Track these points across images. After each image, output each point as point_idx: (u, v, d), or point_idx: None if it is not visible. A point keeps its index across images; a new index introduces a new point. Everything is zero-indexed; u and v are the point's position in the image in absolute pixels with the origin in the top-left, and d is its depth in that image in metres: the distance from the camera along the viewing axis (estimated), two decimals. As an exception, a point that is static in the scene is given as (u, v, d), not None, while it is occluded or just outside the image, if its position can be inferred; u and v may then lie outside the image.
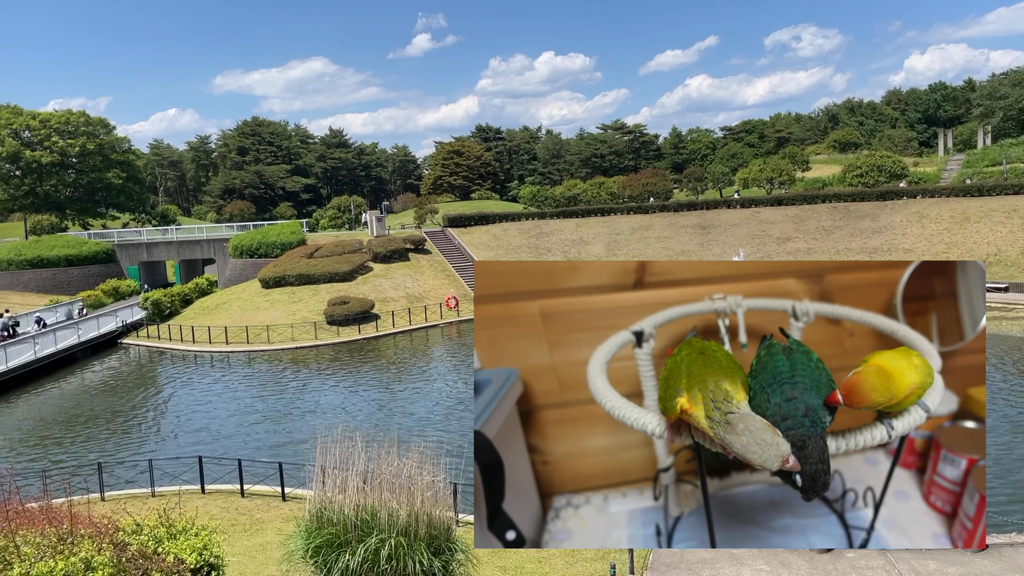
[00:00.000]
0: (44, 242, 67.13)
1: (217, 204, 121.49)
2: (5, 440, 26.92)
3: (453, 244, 59.86)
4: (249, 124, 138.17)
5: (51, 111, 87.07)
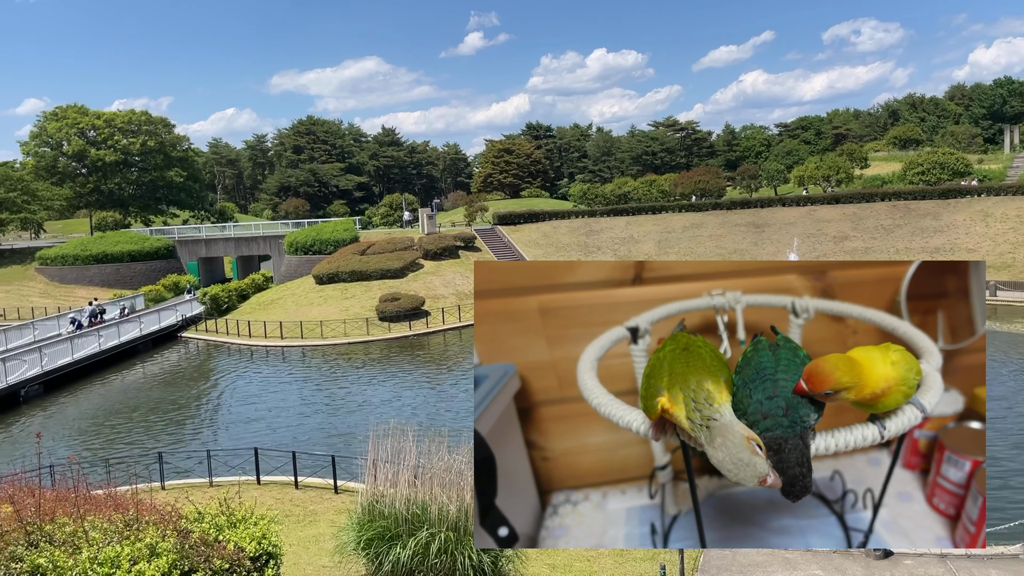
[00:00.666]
0: (108, 238, 69.42)
1: (273, 202, 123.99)
2: (72, 429, 27.98)
3: (503, 242, 60.03)
4: (304, 123, 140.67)
5: (115, 111, 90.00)
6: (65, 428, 28.08)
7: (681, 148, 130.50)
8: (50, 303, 58.93)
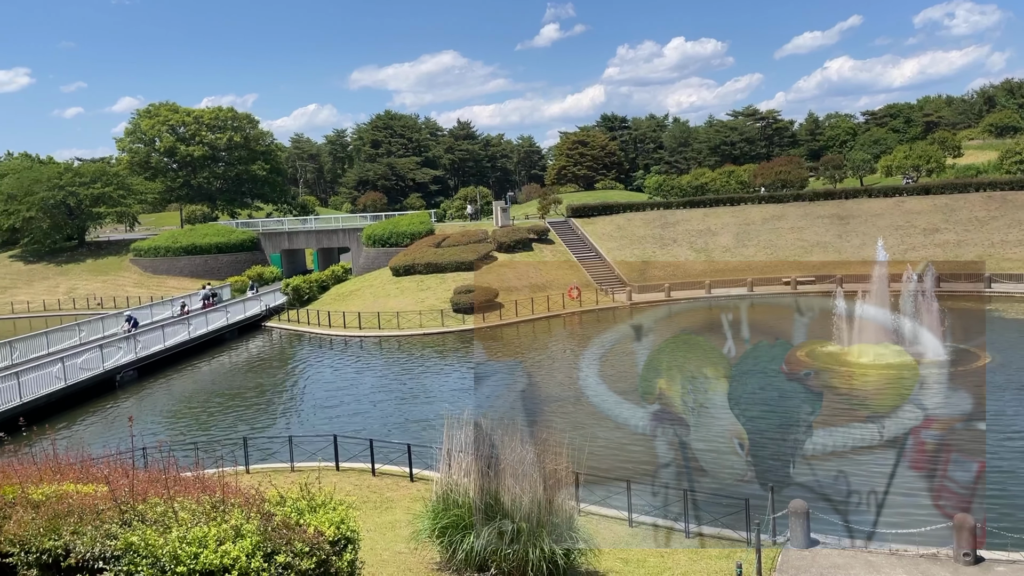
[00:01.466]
0: (197, 230, 72.31)
1: (352, 195, 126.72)
2: (163, 413, 29.33)
3: (576, 234, 59.78)
4: (382, 118, 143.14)
5: (203, 108, 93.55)
6: (157, 412, 29.46)
7: (761, 138, 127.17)
8: (143, 292, 61.83)
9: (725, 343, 35.84)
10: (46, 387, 28.83)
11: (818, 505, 15.70)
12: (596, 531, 13.46)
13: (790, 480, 18.34)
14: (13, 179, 74.43)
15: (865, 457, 20.14)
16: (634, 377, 30.57)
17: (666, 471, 19.49)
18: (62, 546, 6.65)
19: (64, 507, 7.08)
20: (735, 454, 20.70)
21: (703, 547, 13.99)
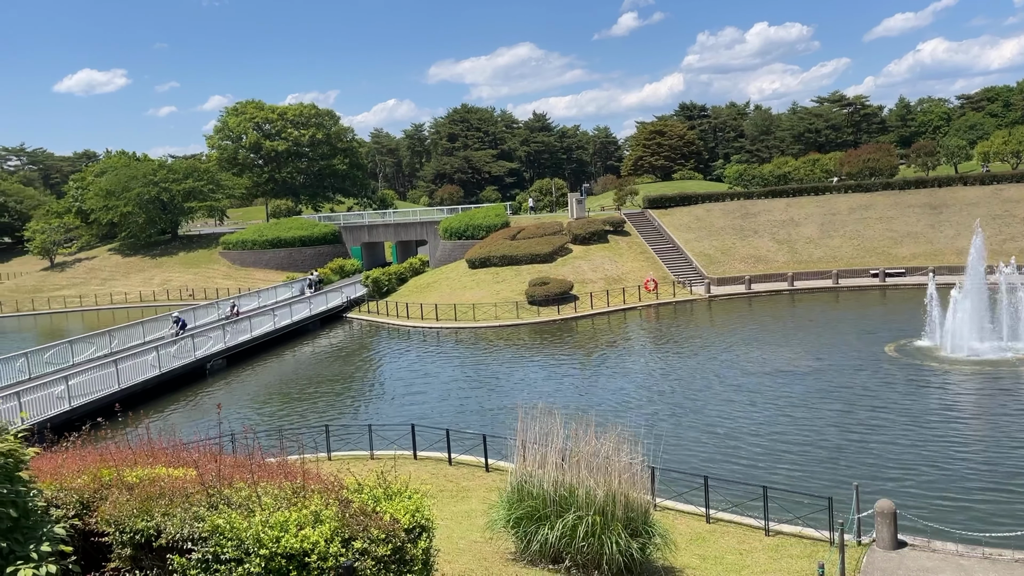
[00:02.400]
0: (281, 224, 74.62)
1: (429, 188, 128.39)
2: (250, 400, 30.43)
3: (653, 226, 58.97)
4: (459, 112, 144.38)
5: (287, 105, 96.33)
6: (244, 399, 30.59)
7: (848, 124, 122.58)
8: (231, 284, 64.25)
9: (809, 336, 34.77)
10: (142, 375, 30.29)
11: (906, 505, 15.09)
12: (672, 526, 13.28)
13: (877, 478, 17.68)
14: (111, 176, 78.34)
15: (957, 456, 19.25)
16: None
17: (746, 467, 19.07)
18: (154, 527, 6.97)
19: (156, 490, 7.42)
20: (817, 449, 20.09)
21: (783, 546, 13.64)
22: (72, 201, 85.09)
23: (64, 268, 77.03)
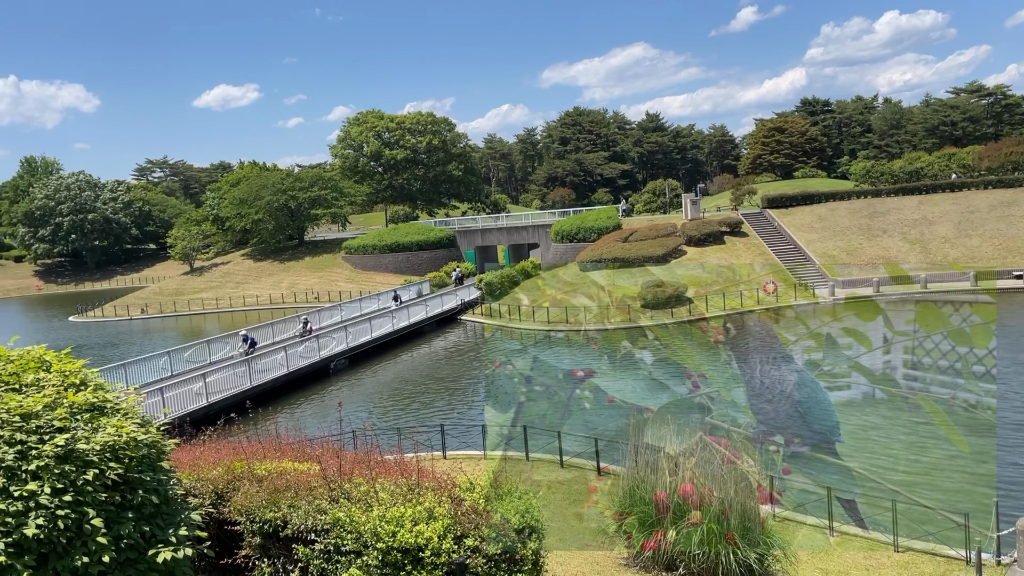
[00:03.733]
0: (400, 229, 76.99)
1: (541, 192, 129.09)
2: (370, 399, 31.55)
3: (772, 226, 56.96)
4: (570, 114, 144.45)
5: (405, 113, 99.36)
6: (364, 398, 31.75)
7: (988, 116, 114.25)
8: (353, 287, 66.80)
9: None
10: (271, 373, 31.96)
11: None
12: (793, 538, 12.78)
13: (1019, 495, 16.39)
14: (244, 185, 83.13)
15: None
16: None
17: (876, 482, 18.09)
18: (280, 518, 7.37)
19: (283, 483, 7.83)
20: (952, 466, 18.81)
21: (914, 563, 12.87)
22: (209, 209, 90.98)
23: (202, 272, 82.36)
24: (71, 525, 5.12)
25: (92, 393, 6.10)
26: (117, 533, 5.40)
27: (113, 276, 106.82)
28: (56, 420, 5.58)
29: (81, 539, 5.18)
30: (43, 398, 5.67)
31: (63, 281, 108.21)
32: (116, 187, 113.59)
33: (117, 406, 6.24)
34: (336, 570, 6.93)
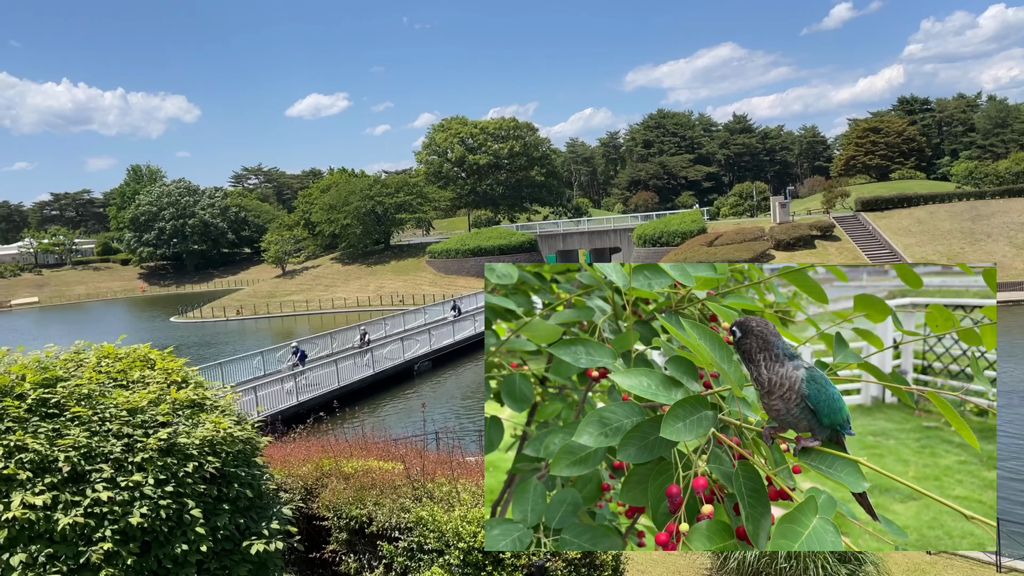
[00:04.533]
0: (482, 234, 77.76)
1: (623, 195, 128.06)
2: (452, 401, 31.96)
3: (866, 230, 54.81)
4: (654, 117, 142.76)
5: (488, 119, 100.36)
6: (446, 399, 32.18)
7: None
8: (437, 291, 67.85)
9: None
10: (358, 374, 32.79)
11: None
12: (888, 555, 12.27)
13: None
14: (333, 192, 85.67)
15: None
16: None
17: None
18: (366, 515, 7.57)
19: (368, 481, 8.04)
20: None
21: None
22: (300, 215, 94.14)
23: (293, 275, 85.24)
24: (172, 515, 5.40)
25: (192, 390, 6.42)
26: (214, 524, 5.66)
27: (211, 279, 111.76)
28: (159, 415, 5.90)
29: (181, 528, 5.46)
30: (148, 394, 6.00)
31: (165, 283, 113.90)
32: (214, 193, 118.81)
33: (215, 403, 6.54)
34: (419, 567, 7.07)
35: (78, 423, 5.49)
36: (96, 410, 5.64)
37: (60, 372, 5.97)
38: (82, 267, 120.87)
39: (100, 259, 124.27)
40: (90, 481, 5.23)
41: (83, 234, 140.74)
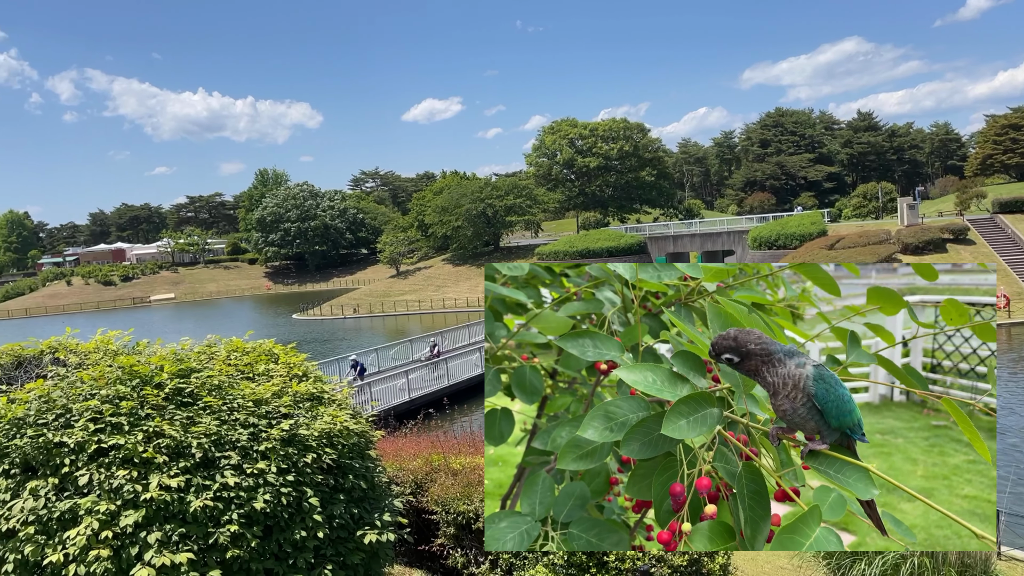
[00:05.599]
0: (591, 236, 77.49)
1: (738, 197, 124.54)
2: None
3: (1004, 233, 51.06)
4: (772, 115, 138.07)
5: (598, 120, 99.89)
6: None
7: None
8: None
9: None
10: (466, 373, 33.33)
11: None
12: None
13: None
14: (446, 194, 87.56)
15: None
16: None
17: None
18: (473, 511, 7.72)
19: (476, 477, 8.19)
20: None
21: None
22: (414, 217, 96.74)
23: (407, 276, 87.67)
24: (292, 502, 5.70)
25: (312, 384, 6.74)
26: (330, 513, 5.93)
27: (330, 278, 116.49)
28: (282, 407, 6.23)
29: (300, 515, 5.75)
30: (271, 387, 6.35)
31: (288, 282, 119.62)
32: (334, 196, 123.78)
33: (333, 397, 6.85)
34: (523, 565, 7.14)
35: (209, 412, 5.88)
36: (225, 400, 6.02)
37: (194, 364, 6.40)
38: (213, 266, 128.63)
39: (230, 258, 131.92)
40: (219, 467, 5.58)
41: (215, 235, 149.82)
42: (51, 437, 5.38)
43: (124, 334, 7.40)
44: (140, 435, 5.48)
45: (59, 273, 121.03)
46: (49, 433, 5.40)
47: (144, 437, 5.50)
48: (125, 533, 5.10)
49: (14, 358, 6.83)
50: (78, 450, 5.39)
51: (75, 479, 5.28)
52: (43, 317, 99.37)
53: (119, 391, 5.74)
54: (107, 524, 5.07)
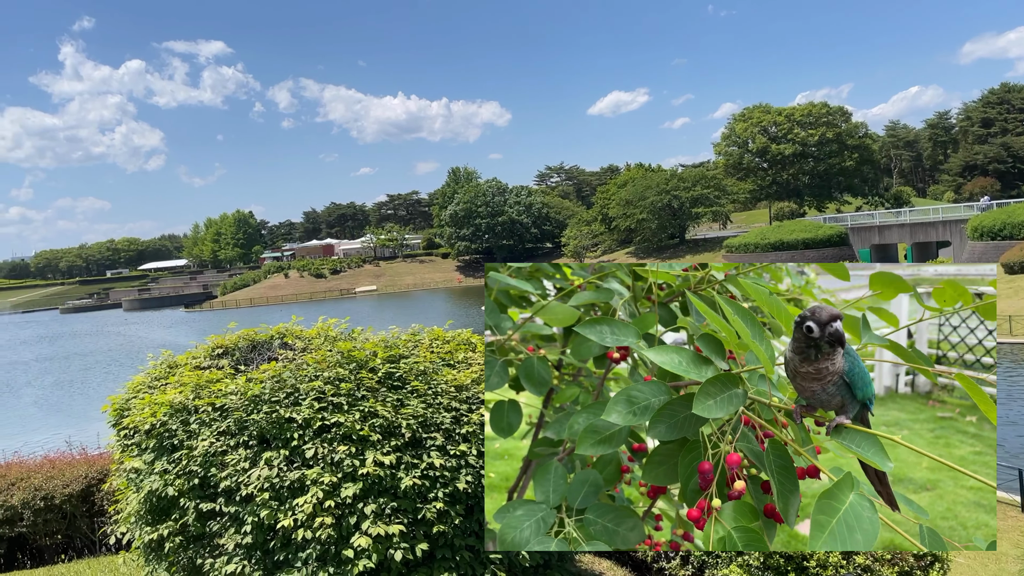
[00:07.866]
0: (785, 227, 73.78)
1: (955, 183, 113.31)
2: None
3: None
4: (996, 92, 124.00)
5: (794, 105, 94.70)
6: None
7: None
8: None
9: None
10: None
11: None
12: None
13: None
14: (630, 187, 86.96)
15: None
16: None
17: None
18: (663, 504, 7.71)
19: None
20: None
21: None
22: (598, 210, 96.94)
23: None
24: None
25: (507, 373, 7.04)
26: (524, 496, 6.19)
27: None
28: (480, 394, 6.57)
29: (497, 497, 6.04)
30: (471, 373, 6.71)
31: (478, 275, 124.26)
32: (520, 192, 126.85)
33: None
34: (716, 564, 7.04)
35: (416, 395, 6.32)
36: (430, 385, 6.44)
37: (402, 350, 6.91)
38: (410, 260, 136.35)
39: (425, 253, 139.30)
40: (425, 447, 6.00)
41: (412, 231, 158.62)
42: (283, 413, 6.04)
43: (341, 322, 8.12)
44: (357, 414, 6.01)
45: (279, 267, 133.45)
46: (281, 409, 6.06)
47: (360, 416, 6.03)
48: (345, 503, 5.63)
49: (250, 342, 7.70)
50: (305, 426, 6.01)
51: (302, 452, 5.88)
52: (264, 307, 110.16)
53: (339, 373, 6.32)
54: (330, 494, 5.62)
